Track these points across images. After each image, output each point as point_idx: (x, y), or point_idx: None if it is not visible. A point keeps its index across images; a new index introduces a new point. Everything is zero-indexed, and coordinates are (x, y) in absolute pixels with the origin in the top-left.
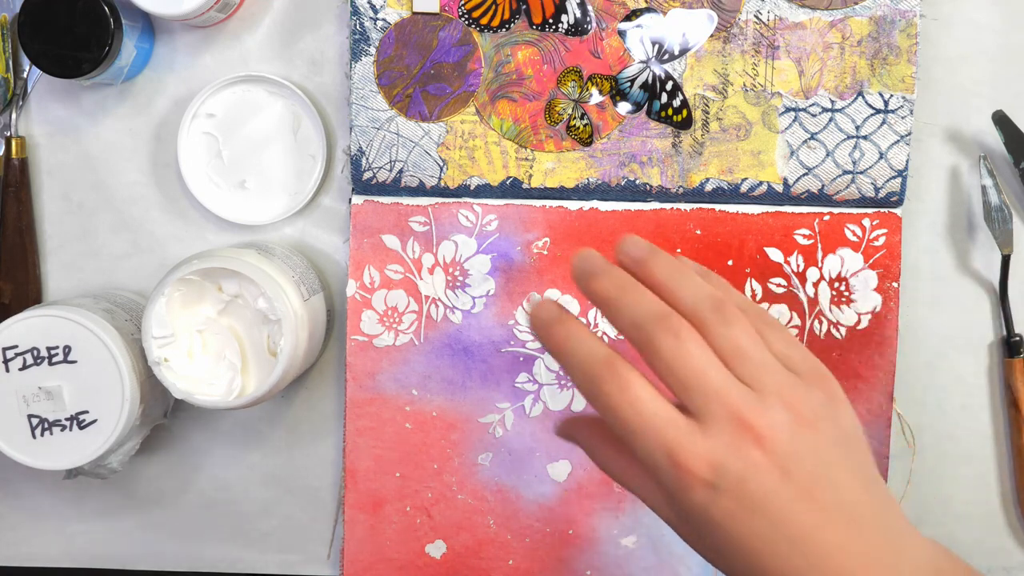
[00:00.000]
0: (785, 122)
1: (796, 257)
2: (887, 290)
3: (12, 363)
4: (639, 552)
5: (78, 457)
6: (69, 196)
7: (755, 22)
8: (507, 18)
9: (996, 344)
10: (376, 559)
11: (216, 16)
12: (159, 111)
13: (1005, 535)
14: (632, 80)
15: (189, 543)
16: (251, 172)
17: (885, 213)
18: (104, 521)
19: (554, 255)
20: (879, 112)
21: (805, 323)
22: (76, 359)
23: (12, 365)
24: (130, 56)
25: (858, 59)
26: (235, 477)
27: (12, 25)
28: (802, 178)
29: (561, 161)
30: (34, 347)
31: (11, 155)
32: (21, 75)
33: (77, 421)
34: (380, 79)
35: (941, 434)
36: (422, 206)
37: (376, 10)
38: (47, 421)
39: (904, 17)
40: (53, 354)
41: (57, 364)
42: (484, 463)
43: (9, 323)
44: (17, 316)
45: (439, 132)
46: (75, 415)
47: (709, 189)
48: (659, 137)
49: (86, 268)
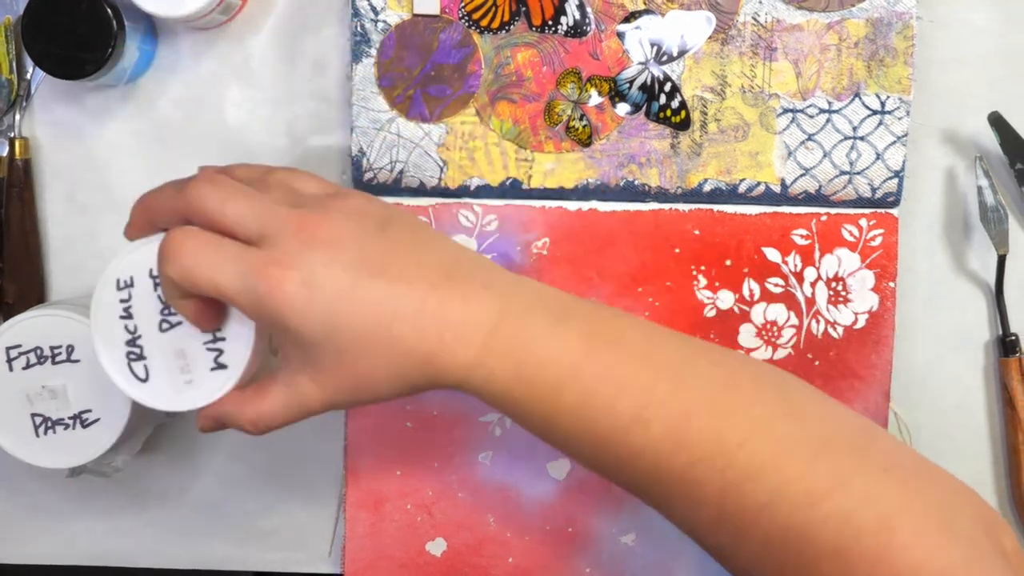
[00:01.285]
0: (783, 123)
1: (794, 257)
2: (884, 290)
3: (16, 362)
4: (638, 549)
5: (82, 456)
6: (73, 197)
7: (753, 24)
8: (507, 20)
9: (992, 343)
10: (377, 557)
11: (218, 18)
12: (162, 113)
13: None
14: (631, 81)
15: (191, 541)
16: None
17: (882, 213)
18: (107, 519)
19: (553, 255)
20: (876, 113)
21: (802, 322)
22: (79, 358)
23: (16, 364)
24: (133, 58)
25: (855, 61)
26: (237, 475)
27: (16, 27)
28: (799, 179)
29: (560, 162)
30: (37, 346)
31: (15, 156)
32: (25, 77)
33: (80, 420)
34: (381, 80)
35: (937, 433)
36: (423, 206)
37: (377, 12)
38: (50, 420)
39: (901, 19)
40: (56, 353)
41: (60, 363)
42: (484, 461)
43: (12, 323)
44: (20, 316)
45: (439, 133)
46: (78, 414)
47: (707, 190)
48: (658, 138)
49: (89, 269)
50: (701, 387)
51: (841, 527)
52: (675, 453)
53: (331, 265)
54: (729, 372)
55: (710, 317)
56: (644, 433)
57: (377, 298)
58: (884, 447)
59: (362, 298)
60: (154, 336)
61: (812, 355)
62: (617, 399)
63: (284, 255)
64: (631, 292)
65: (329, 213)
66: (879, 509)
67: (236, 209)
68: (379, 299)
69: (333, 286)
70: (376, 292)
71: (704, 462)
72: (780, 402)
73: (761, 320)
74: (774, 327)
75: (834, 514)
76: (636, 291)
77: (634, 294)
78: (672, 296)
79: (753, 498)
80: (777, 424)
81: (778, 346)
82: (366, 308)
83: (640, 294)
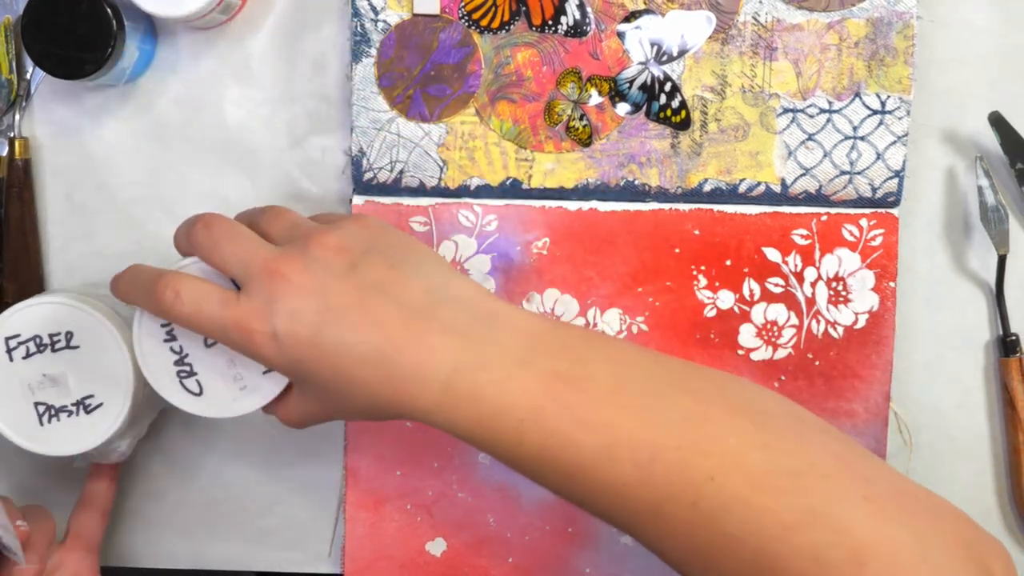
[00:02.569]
0: (783, 123)
1: (794, 257)
2: (884, 290)
3: (15, 352)
4: (638, 549)
5: (87, 441)
6: (72, 196)
7: (753, 24)
8: (507, 20)
9: (992, 343)
10: (377, 557)
11: (218, 18)
12: (161, 112)
13: (1002, 534)
14: (631, 81)
15: (191, 541)
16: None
17: (882, 213)
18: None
19: (553, 255)
20: (876, 113)
21: (803, 322)
22: (78, 344)
23: (16, 354)
24: (133, 58)
25: (855, 60)
26: (237, 475)
27: (15, 26)
28: (800, 179)
29: (560, 162)
30: (36, 335)
31: (15, 156)
32: (24, 76)
33: (83, 406)
34: (381, 80)
35: (938, 433)
36: (422, 206)
37: (377, 12)
38: (54, 408)
39: (901, 19)
40: (55, 341)
41: (60, 350)
42: (484, 461)
43: (10, 313)
44: (18, 305)
45: (439, 133)
46: (81, 400)
47: (707, 189)
48: (658, 138)
49: (89, 268)
50: (671, 421)
51: (811, 561)
52: (643, 488)
53: (294, 317)
54: (704, 400)
55: (710, 317)
56: (610, 469)
57: (337, 347)
58: (865, 474)
59: (324, 347)
60: (201, 352)
61: (812, 355)
62: (581, 438)
63: (254, 309)
64: (631, 292)
65: (301, 255)
66: (851, 541)
67: (221, 254)
68: (339, 348)
69: (296, 338)
70: (336, 341)
71: (673, 498)
72: (755, 430)
73: (761, 320)
74: (774, 327)
75: (805, 547)
76: (636, 291)
77: (634, 294)
78: (672, 296)
79: (723, 530)
80: (749, 455)
81: (778, 346)
82: (328, 358)
83: (640, 294)
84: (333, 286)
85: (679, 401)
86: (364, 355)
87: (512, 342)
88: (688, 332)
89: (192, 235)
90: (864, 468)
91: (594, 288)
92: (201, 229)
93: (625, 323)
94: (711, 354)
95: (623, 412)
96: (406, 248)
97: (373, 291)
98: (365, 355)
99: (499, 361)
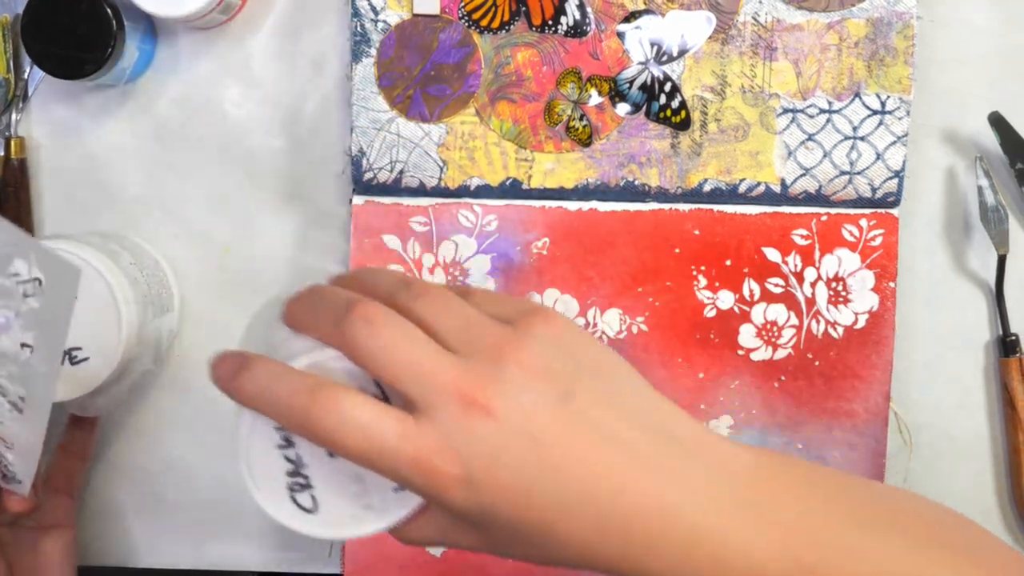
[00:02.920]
0: (783, 123)
1: (794, 257)
2: (884, 290)
3: None
4: None
5: (67, 392)
6: (72, 197)
7: (753, 24)
8: (507, 20)
9: (992, 344)
10: (377, 557)
11: (218, 18)
12: (161, 113)
13: (1002, 533)
14: (631, 81)
15: (190, 540)
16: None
17: (882, 213)
18: (106, 519)
19: (553, 255)
20: (876, 113)
21: (803, 323)
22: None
23: None
24: (132, 58)
25: (855, 61)
26: (237, 475)
27: (13, 25)
28: (800, 179)
29: (560, 162)
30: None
31: (11, 155)
32: (22, 76)
33: (69, 357)
34: (381, 80)
35: (938, 433)
36: (422, 206)
37: (377, 12)
38: None
39: (901, 19)
40: None
41: None
42: None
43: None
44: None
45: (439, 133)
46: (68, 351)
47: (707, 190)
48: (658, 138)
49: None
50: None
51: None
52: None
53: (498, 460)
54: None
55: (710, 317)
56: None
57: (551, 498)
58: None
59: (532, 496)
60: (320, 463)
61: (812, 355)
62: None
63: (441, 445)
64: (631, 292)
65: (499, 378)
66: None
67: (393, 365)
68: (552, 499)
69: (496, 485)
70: (549, 491)
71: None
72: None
73: (761, 320)
74: (774, 327)
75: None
76: (636, 291)
77: (634, 294)
78: (672, 296)
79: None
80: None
81: (778, 346)
82: (536, 509)
83: (640, 294)
84: (545, 424)
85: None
86: (584, 510)
87: (763, 507)
88: (688, 332)
89: (349, 330)
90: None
91: (594, 288)
92: (362, 326)
93: (625, 323)
94: (711, 354)
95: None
96: (611, 365)
97: (592, 430)
98: (585, 510)
99: (750, 533)
